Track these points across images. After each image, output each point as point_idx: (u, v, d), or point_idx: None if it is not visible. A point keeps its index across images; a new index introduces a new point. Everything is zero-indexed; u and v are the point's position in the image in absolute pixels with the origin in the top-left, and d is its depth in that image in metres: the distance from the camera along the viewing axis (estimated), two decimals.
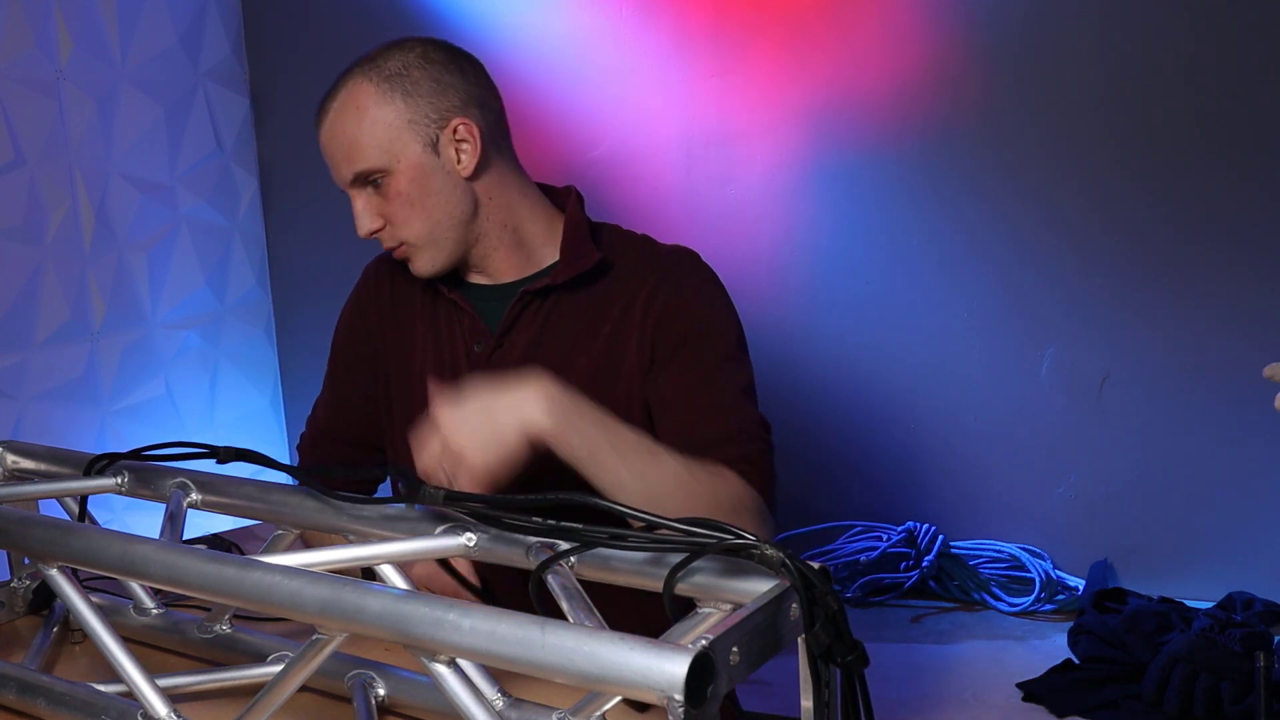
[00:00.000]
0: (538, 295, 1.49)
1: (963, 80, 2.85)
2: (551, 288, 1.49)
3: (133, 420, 3.16)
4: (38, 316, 2.94)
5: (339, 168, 1.46)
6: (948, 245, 2.91)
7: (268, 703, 0.89)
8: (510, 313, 1.50)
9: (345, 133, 1.44)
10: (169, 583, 0.92)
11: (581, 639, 0.71)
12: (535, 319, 1.49)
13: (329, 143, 1.46)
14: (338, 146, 1.45)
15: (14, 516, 1.05)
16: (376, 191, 1.46)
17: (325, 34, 3.45)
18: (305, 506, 1.09)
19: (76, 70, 3.00)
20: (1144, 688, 2.31)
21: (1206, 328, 2.69)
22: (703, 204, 3.10)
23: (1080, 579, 2.81)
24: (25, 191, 2.90)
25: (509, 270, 1.53)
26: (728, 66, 3.04)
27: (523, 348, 1.49)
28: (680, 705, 0.67)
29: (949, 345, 2.93)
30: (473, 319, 1.52)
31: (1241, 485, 2.70)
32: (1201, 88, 2.65)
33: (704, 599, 0.83)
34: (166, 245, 3.26)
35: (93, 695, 1.01)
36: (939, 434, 2.98)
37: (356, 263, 1.68)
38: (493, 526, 0.97)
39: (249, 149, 3.52)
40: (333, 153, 1.46)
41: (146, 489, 1.20)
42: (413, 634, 0.78)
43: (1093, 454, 2.84)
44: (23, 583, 1.34)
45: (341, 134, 1.45)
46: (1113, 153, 2.74)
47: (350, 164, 1.45)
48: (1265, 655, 1.87)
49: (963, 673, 2.57)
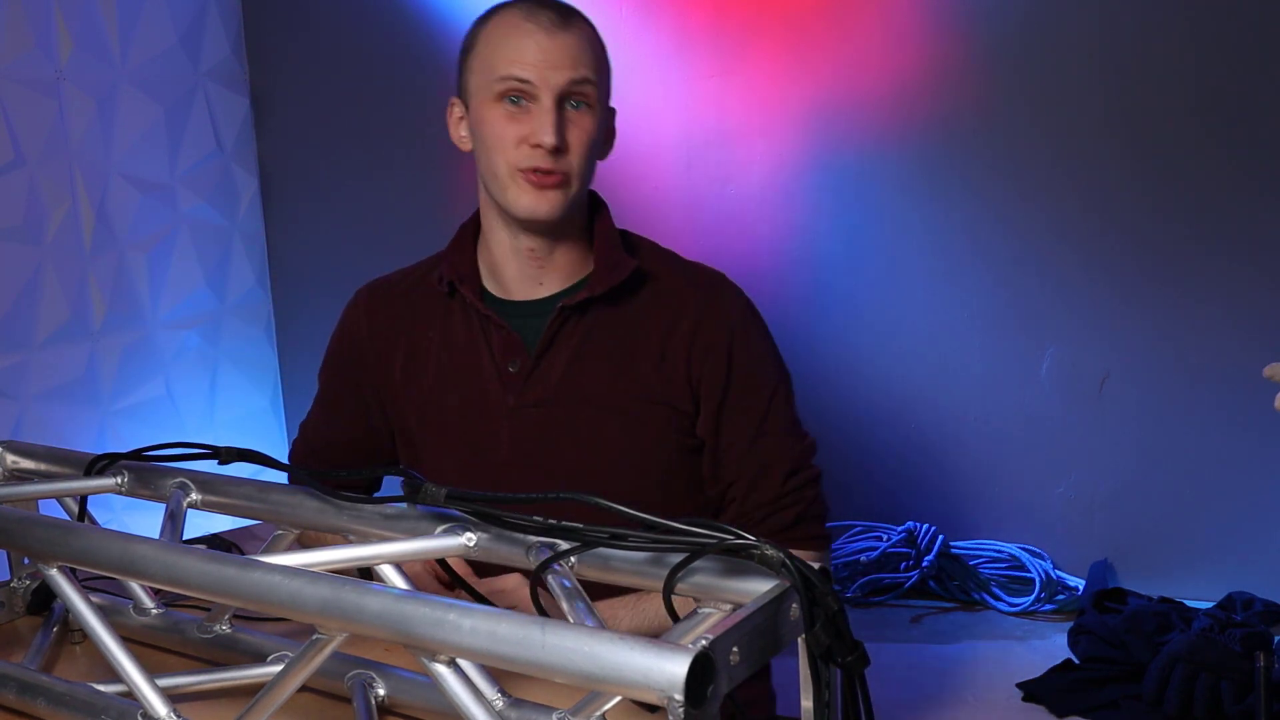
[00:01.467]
0: (577, 309, 1.46)
1: (963, 80, 2.85)
2: (590, 300, 1.46)
3: (133, 420, 3.16)
4: (38, 316, 2.94)
5: (560, 70, 1.42)
6: (948, 245, 2.91)
7: (268, 703, 0.89)
8: (549, 328, 1.46)
9: (579, 49, 1.43)
10: (169, 583, 0.92)
11: (582, 639, 0.71)
12: (574, 335, 1.46)
13: (558, 47, 1.42)
14: (568, 54, 1.42)
15: (14, 516, 1.05)
16: (570, 113, 1.43)
17: (325, 34, 3.45)
18: (305, 506, 1.09)
19: (76, 70, 3.00)
20: (1144, 688, 2.31)
21: (1206, 328, 2.69)
22: (703, 204, 3.10)
23: (1080, 579, 2.81)
24: (25, 191, 2.89)
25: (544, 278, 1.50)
26: (728, 66, 3.04)
27: (562, 367, 1.46)
28: (680, 705, 0.67)
29: (949, 345, 2.93)
30: (506, 335, 1.47)
31: (1241, 485, 2.70)
32: (1201, 87, 2.65)
33: (704, 599, 0.83)
34: (166, 245, 3.26)
35: (93, 695, 1.01)
36: (939, 434, 2.98)
37: (356, 263, 1.68)
38: (493, 526, 0.97)
39: (249, 149, 3.52)
40: (558, 55, 1.42)
41: (146, 489, 1.20)
42: (413, 634, 0.78)
43: (1093, 454, 2.84)
44: (23, 583, 1.34)
45: (576, 48, 1.43)
46: (1113, 152, 2.74)
47: (576, 71, 1.42)
48: (1265, 655, 1.87)
49: (963, 673, 2.57)
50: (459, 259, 1.54)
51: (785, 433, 1.49)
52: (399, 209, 3.38)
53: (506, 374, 1.47)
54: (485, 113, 1.45)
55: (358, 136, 3.44)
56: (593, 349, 1.46)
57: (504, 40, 1.44)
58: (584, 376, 1.44)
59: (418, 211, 3.34)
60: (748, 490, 1.46)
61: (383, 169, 3.41)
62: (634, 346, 1.46)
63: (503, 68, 1.43)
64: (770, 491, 1.46)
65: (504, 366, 1.47)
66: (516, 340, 1.47)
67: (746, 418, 1.46)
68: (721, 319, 1.47)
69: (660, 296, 1.48)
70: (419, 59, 3.30)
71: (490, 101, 1.44)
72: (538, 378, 1.46)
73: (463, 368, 1.50)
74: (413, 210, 3.35)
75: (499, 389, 1.47)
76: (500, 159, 1.44)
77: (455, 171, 3.24)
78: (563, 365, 1.46)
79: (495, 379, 1.47)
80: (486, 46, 1.46)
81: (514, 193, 1.44)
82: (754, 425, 1.46)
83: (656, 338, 1.46)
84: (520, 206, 1.44)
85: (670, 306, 1.47)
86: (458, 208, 3.28)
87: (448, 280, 1.52)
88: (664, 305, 1.48)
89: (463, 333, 1.51)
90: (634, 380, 1.45)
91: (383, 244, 3.37)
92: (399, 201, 3.37)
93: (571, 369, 1.45)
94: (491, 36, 1.46)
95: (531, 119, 1.42)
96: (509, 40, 1.44)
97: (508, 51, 1.43)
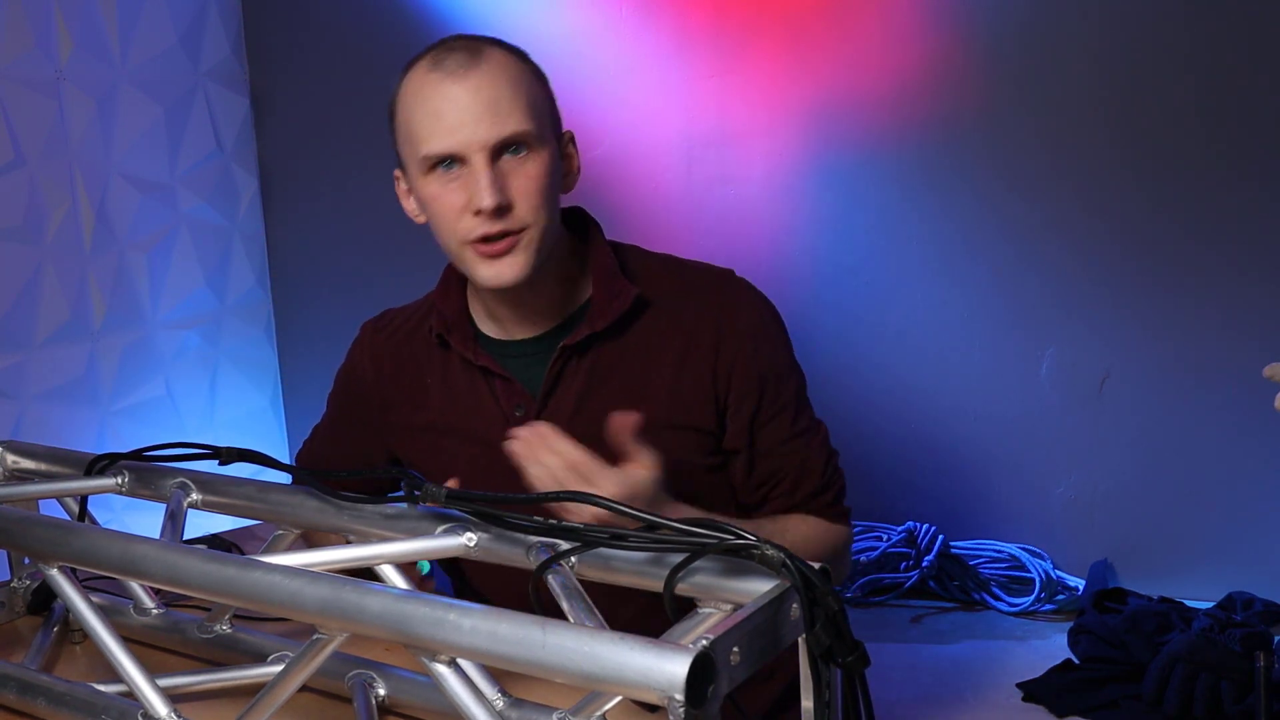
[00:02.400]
0: (576, 349, 1.40)
1: (963, 80, 2.85)
2: (592, 337, 1.40)
3: (133, 420, 3.16)
4: (38, 316, 2.94)
5: (479, 126, 1.30)
6: (948, 245, 2.91)
7: (268, 703, 0.89)
8: (551, 370, 1.40)
9: (497, 90, 1.31)
10: (169, 583, 0.92)
11: (582, 639, 0.71)
12: (578, 372, 1.40)
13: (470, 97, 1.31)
14: (484, 103, 1.30)
15: (14, 516, 1.05)
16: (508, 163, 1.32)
17: (325, 34, 3.45)
18: (305, 506, 1.09)
19: (76, 70, 3.00)
20: (1144, 688, 2.31)
21: (1206, 328, 2.69)
22: (703, 204, 3.10)
23: (1080, 579, 2.81)
24: (25, 191, 2.89)
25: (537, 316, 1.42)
26: (728, 66, 3.04)
27: (570, 407, 1.40)
28: (681, 705, 0.67)
29: (949, 345, 2.93)
30: (507, 383, 1.42)
31: (1241, 485, 2.70)
32: (1201, 87, 2.65)
33: (704, 599, 0.83)
34: (166, 245, 3.26)
35: (93, 695, 1.01)
36: (939, 434, 2.98)
37: (356, 263, 1.67)
38: (493, 526, 0.97)
39: (249, 149, 3.52)
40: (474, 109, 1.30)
41: (146, 489, 1.20)
42: (413, 634, 0.78)
43: (1093, 454, 2.83)
44: (23, 583, 1.34)
45: (492, 90, 1.31)
46: (1113, 152, 2.74)
47: (499, 124, 1.31)
48: (1265, 655, 1.87)
49: (963, 673, 2.57)
50: (446, 306, 1.47)
51: (813, 423, 1.49)
52: (399, 209, 3.36)
53: (514, 419, 1.41)
54: (421, 188, 1.37)
55: (358, 136, 3.43)
56: (600, 382, 1.40)
57: (417, 103, 1.34)
58: (594, 416, 1.35)
59: None
60: (794, 486, 1.45)
61: (383, 169, 3.40)
62: (645, 375, 1.41)
63: (423, 142, 1.33)
64: (814, 481, 1.46)
65: (510, 413, 1.42)
66: (518, 387, 1.42)
67: (780, 421, 1.45)
68: (740, 331, 1.42)
69: (668, 319, 1.42)
70: None
71: (422, 175, 1.36)
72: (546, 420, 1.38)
73: (466, 416, 1.44)
74: None
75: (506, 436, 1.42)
76: (447, 233, 1.36)
77: None
78: (571, 404, 1.40)
79: (502, 426, 1.37)
80: (404, 113, 1.37)
81: (471, 265, 1.36)
82: (787, 427, 1.45)
83: (669, 361, 1.41)
84: (481, 278, 1.36)
85: (681, 328, 1.41)
86: None
87: (436, 333, 1.46)
88: (673, 327, 1.42)
89: (463, 380, 1.45)
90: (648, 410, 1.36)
91: (383, 244, 3.37)
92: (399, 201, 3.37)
93: (580, 405, 1.40)
94: (406, 100, 1.36)
95: (466, 185, 1.32)
96: (421, 103, 1.33)
97: (424, 120, 1.33)
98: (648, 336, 1.42)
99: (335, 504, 1.06)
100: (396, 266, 3.36)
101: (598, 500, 0.92)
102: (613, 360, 1.41)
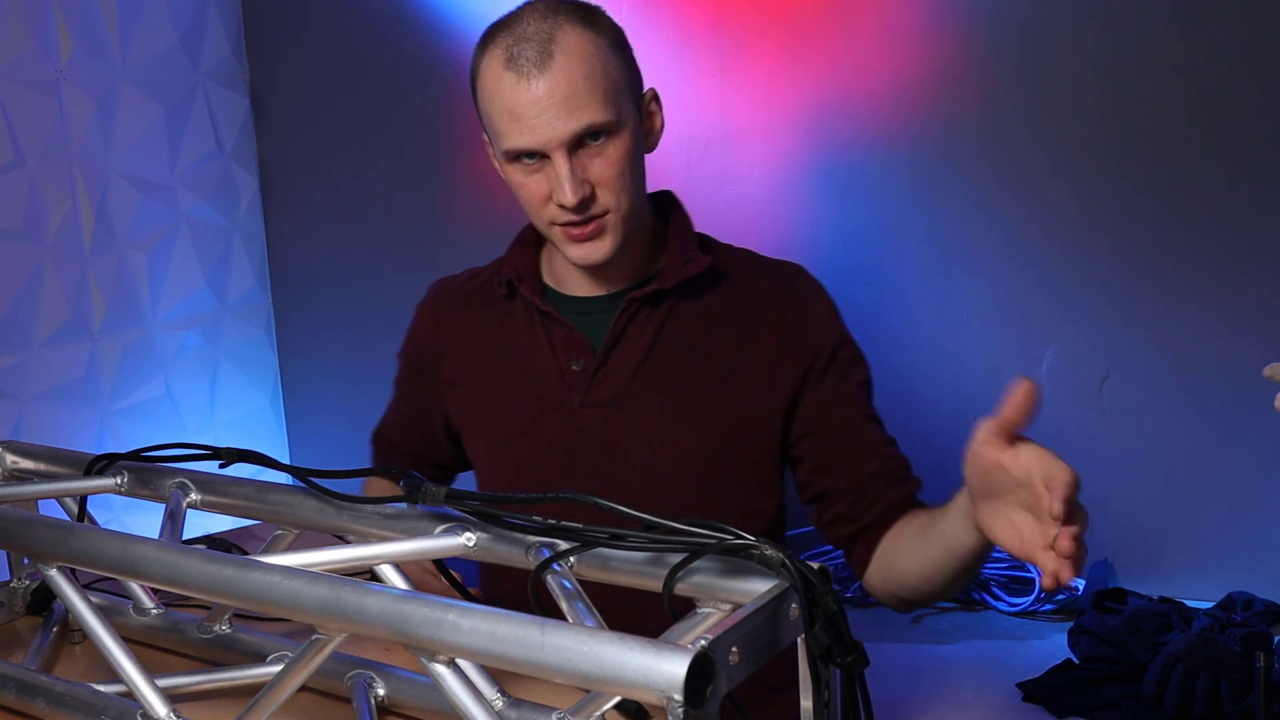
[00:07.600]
0: (646, 302, 1.41)
1: (963, 80, 2.84)
2: (662, 293, 1.41)
3: (133, 420, 3.16)
4: (38, 316, 2.94)
5: (556, 124, 1.30)
6: (948, 245, 2.91)
7: (268, 703, 0.89)
8: (617, 323, 1.40)
9: (571, 85, 1.30)
10: (169, 583, 0.92)
11: (581, 639, 0.71)
12: (645, 329, 1.41)
13: (546, 98, 1.30)
14: (559, 101, 1.29)
15: (14, 516, 1.05)
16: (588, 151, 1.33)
17: (325, 34, 3.45)
18: (305, 506, 1.09)
19: (76, 70, 3.00)
20: (1144, 688, 2.31)
21: (1206, 328, 2.69)
22: (703, 204, 3.07)
23: (1080, 579, 2.81)
24: (25, 191, 2.90)
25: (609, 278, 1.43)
26: (728, 66, 3.04)
27: (634, 362, 1.40)
28: (680, 705, 0.67)
29: (949, 345, 2.93)
30: (568, 332, 1.42)
31: (1241, 485, 2.70)
32: (1200, 88, 2.65)
33: (704, 599, 0.83)
34: (166, 245, 3.26)
35: (93, 695, 1.01)
36: (938, 434, 2.97)
37: (356, 263, 1.68)
38: (493, 526, 0.97)
39: (249, 149, 3.52)
40: (550, 109, 1.30)
41: (146, 489, 1.20)
42: (412, 634, 0.78)
43: (1093, 454, 2.83)
44: (23, 583, 1.34)
45: (566, 86, 1.29)
46: (1112, 153, 2.74)
47: (575, 118, 1.30)
48: (1265, 655, 1.87)
49: (963, 673, 2.57)
50: (519, 260, 1.49)
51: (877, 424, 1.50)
52: (399, 209, 3.38)
53: (570, 373, 1.41)
54: (508, 174, 1.39)
55: (358, 136, 3.44)
56: (666, 341, 1.40)
57: (493, 99, 1.34)
58: (659, 373, 1.38)
59: (417, 211, 3.34)
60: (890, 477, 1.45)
61: (383, 169, 3.41)
62: (711, 339, 1.41)
63: (503, 137, 1.34)
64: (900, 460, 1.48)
65: (567, 365, 1.42)
66: (578, 337, 1.42)
67: (853, 402, 1.46)
68: (812, 311, 1.46)
69: (739, 293, 1.43)
70: (418, 58, 3.30)
71: (507, 163, 1.37)
72: (605, 375, 1.41)
73: (522, 369, 1.45)
74: (412, 210, 3.35)
75: (562, 389, 1.42)
76: (534, 215, 1.39)
77: (454, 171, 3.24)
78: (634, 360, 1.40)
79: (557, 378, 1.41)
80: (484, 100, 1.37)
81: (560, 244, 1.39)
82: (861, 409, 1.47)
83: (737, 330, 1.41)
84: (571, 257, 1.39)
85: (754, 303, 1.42)
86: (457, 207, 3.30)
87: (506, 280, 1.48)
88: (746, 301, 1.43)
89: (523, 332, 1.46)
90: (713, 378, 1.39)
91: (383, 244, 3.37)
92: (399, 201, 3.37)
93: (643, 363, 1.40)
94: (485, 88, 1.36)
95: (549, 177, 1.34)
96: (498, 100, 1.34)
97: (500, 117, 1.34)
98: (720, 305, 1.43)
99: (334, 504, 1.06)
100: (396, 266, 3.36)
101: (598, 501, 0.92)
102: (681, 321, 1.42)
